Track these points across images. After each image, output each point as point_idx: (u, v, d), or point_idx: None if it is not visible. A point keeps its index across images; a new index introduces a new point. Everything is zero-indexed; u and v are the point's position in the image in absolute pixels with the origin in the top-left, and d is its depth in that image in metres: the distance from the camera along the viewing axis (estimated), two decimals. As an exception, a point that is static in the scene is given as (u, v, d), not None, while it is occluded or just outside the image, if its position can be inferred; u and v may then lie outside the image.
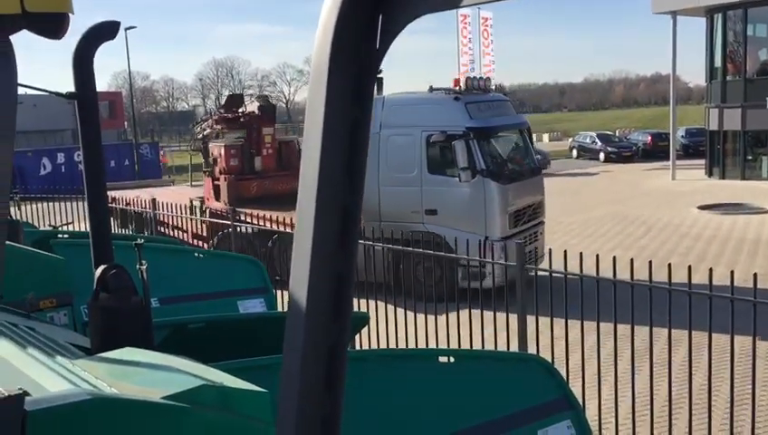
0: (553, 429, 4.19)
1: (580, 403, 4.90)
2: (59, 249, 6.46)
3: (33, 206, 16.88)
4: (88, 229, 4.25)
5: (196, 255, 7.82)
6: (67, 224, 14.88)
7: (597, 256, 6.43)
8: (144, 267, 3.75)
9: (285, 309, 6.91)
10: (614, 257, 6.34)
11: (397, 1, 1.02)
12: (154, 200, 14.10)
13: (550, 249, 7.34)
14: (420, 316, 8.15)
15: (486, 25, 47.14)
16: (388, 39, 1.02)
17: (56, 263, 5.85)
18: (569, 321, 6.57)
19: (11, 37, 2.44)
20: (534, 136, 65.20)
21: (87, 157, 4.00)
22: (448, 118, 13.22)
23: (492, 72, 49.29)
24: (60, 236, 8.09)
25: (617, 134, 54.21)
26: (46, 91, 3.79)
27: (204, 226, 15.35)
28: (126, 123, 64.92)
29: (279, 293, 7.92)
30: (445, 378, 4.07)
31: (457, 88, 13.88)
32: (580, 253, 6.52)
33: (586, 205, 25.78)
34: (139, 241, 3.93)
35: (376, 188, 13.57)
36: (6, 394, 2.22)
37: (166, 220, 15.48)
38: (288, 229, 10.22)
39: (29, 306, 4.38)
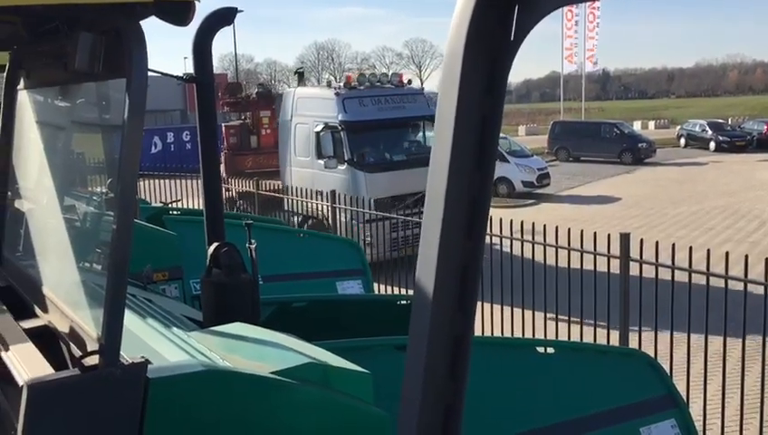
0: (657, 427, 4.06)
1: (685, 402, 4.73)
2: (171, 225, 6.77)
3: (145, 182, 17.72)
4: (197, 206, 4.44)
5: (298, 235, 8.05)
6: (177, 201, 15.57)
7: (708, 250, 6.16)
8: (253, 246, 3.89)
9: (382, 292, 7.00)
10: (726, 253, 6.06)
11: (534, -8, 1.00)
12: None
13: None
14: (517, 307, 8.06)
15: (594, 8, 45.66)
16: (524, 31, 1.01)
17: (169, 238, 6.15)
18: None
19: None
20: (639, 123, 62.27)
21: (203, 138, 4.17)
22: (329, 111, 15.11)
23: (594, 57, 47.90)
24: (171, 212, 8.48)
25: (729, 122, 51.41)
26: (169, 74, 3.97)
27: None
28: (231, 104, 66.89)
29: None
30: (544, 368, 4.02)
31: (351, 83, 15.56)
32: (690, 247, 6.26)
33: (694, 196, 24.67)
34: (248, 221, 4.08)
35: (288, 169, 16.18)
36: (131, 361, 2.37)
37: None
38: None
39: (146, 279, 4.63)
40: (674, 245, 6.40)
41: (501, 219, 8.26)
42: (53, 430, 2.28)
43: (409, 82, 16.98)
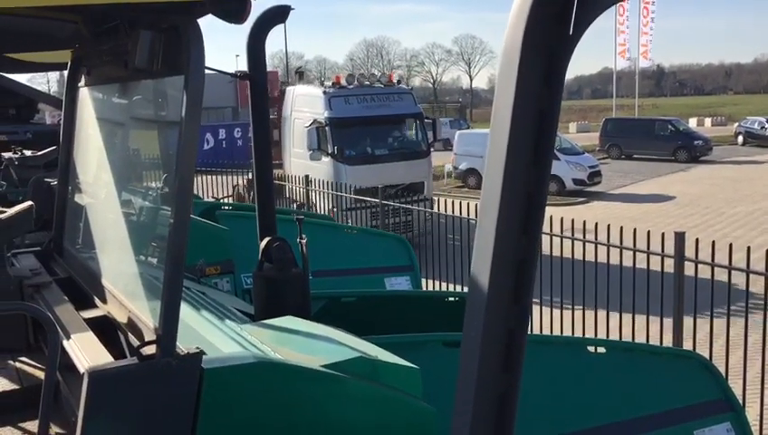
0: (711, 430, 3.97)
1: (741, 405, 4.61)
2: (223, 220, 6.89)
3: (198, 178, 18.04)
4: (248, 202, 4.51)
5: (347, 231, 8.10)
6: (228, 196, 15.86)
7: (767, 250, 5.98)
8: (304, 241, 3.94)
9: (430, 288, 6.98)
10: (787, 253, 5.87)
11: (594, -14, 1.00)
12: None
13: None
14: (567, 306, 7.96)
15: (648, 2, 44.71)
16: (583, 25, 1.01)
17: (221, 233, 6.27)
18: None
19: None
20: (695, 120, 60.63)
21: (256, 134, 4.23)
22: (318, 108, 16.65)
23: (648, 52, 46.85)
24: (223, 207, 8.63)
25: (790, 120, 49.68)
26: (224, 71, 4.04)
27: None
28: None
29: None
30: (596, 368, 3.97)
31: (341, 83, 16.99)
32: (748, 247, 6.10)
33: (751, 195, 23.96)
34: (299, 217, 4.13)
35: (288, 160, 17.98)
36: (186, 352, 2.43)
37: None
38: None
39: (199, 273, 4.73)
40: (731, 245, 6.24)
41: (551, 217, 8.16)
42: (112, 417, 2.36)
43: (398, 81, 18.48)
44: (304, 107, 17.36)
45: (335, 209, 13.34)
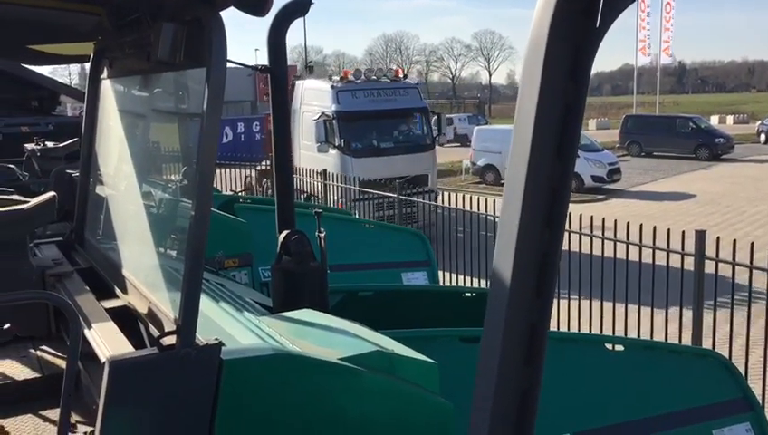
0: (730, 430, 3.94)
1: (761, 405, 4.57)
2: (241, 213, 6.93)
3: (216, 171, 18.14)
4: (266, 196, 4.52)
5: (365, 226, 8.12)
6: (246, 190, 15.93)
7: (788, 250, 5.91)
8: (323, 235, 3.95)
9: (447, 283, 6.97)
10: (809, 253, 5.80)
11: (622, -22, 0.99)
12: None
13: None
14: (586, 304, 7.92)
15: (670, -2, 44.24)
16: (610, 17, 1.00)
17: (240, 226, 6.30)
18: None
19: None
20: (717, 118, 59.98)
21: (276, 128, 4.24)
22: (326, 102, 17.11)
23: (669, 49, 46.35)
24: (241, 201, 8.67)
25: (814, 118, 48.95)
26: (245, 65, 4.05)
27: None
28: (299, 96, 67.66)
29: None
30: (614, 366, 3.95)
31: (349, 77, 17.50)
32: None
33: (774, 194, 23.68)
34: (318, 210, 4.14)
35: (298, 152, 17.66)
36: (206, 343, 2.44)
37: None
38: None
39: (218, 265, 4.76)
40: (752, 243, 6.16)
41: (570, 214, 8.10)
42: (132, 406, 2.38)
43: (405, 76, 18.97)
44: (313, 100, 17.85)
45: (342, 200, 13.75)
